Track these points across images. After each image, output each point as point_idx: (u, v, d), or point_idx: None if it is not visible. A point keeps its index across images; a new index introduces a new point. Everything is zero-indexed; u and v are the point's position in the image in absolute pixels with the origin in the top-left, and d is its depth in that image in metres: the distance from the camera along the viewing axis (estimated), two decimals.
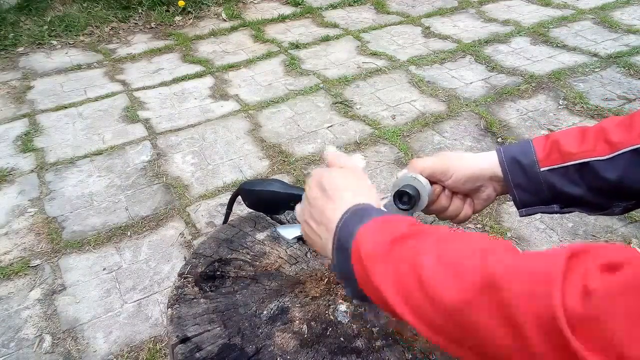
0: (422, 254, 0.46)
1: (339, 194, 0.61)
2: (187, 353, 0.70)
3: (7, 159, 2.54)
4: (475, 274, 0.41)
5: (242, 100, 2.98)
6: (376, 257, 0.49)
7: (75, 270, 1.93)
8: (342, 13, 4.17)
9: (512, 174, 0.73)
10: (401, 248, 0.49)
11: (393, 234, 0.50)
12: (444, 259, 0.45)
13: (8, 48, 3.64)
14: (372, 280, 0.49)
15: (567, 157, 0.70)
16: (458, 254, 0.45)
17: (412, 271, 0.46)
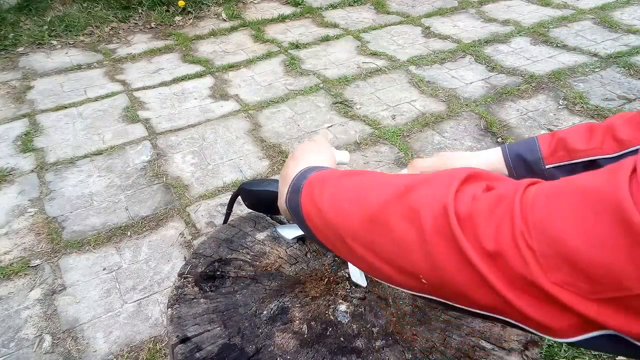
0: (353, 175, 0.53)
1: (302, 155, 0.67)
2: (187, 353, 0.70)
3: (7, 159, 2.54)
4: (393, 187, 0.47)
5: (242, 100, 2.98)
6: (315, 183, 0.57)
7: (75, 270, 1.93)
8: (342, 13, 4.17)
9: (516, 170, 0.73)
10: (342, 178, 0.54)
11: (334, 173, 0.57)
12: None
13: (8, 48, 3.64)
14: (313, 199, 0.55)
15: (574, 155, 0.69)
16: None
17: (345, 188, 0.52)
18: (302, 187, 0.58)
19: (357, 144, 2.56)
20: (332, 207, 0.52)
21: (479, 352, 0.69)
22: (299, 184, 0.59)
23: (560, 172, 0.71)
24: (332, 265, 0.85)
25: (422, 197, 0.44)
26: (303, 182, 0.59)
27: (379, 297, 0.79)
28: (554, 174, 0.71)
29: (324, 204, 0.53)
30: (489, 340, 0.71)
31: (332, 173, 0.58)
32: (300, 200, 0.57)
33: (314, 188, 0.56)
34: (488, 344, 0.70)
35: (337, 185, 0.54)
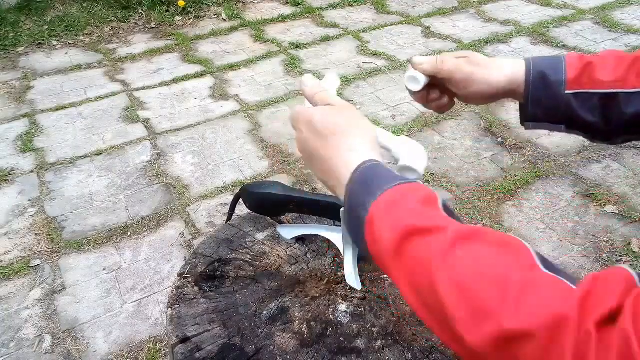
0: (434, 264, 0.43)
1: (337, 142, 0.57)
2: (187, 353, 0.70)
3: (7, 159, 2.54)
4: (493, 323, 0.39)
5: (242, 100, 2.98)
6: (390, 249, 0.47)
7: (75, 270, 1.93)
8: (342, 13, 4.17)
9: (534, 89, 0.69)
10: (413, 245, 0.46)
11: (403, 223, 0.47)
12: (459, 283, 0.42)
13: (8, 48, 3.64)
14: (388, 271, 0.49)
15: (597, 85, 0.66)
16: (474, 277, 0.41)
17: (427, 283, 0.44)
18: (364, 220, 0.50)
19: None
20: (409, 276, 0.46)
21: None
22: (359, 215, 0.51)
23: (577, 99, 0.67)
24: (332, 265, 0.86)
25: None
26: (364, 213, 0.50)
27: (379, 297, 0.79)
28: (569, 101, 0.67)
29: (402, 276, 0.47)
30: None
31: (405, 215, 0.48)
32: (364, 231, 0.51)
33: (384, 254, 0.48)
34: None
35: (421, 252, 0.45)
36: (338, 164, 0.56)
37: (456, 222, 0.46)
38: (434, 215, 0.48)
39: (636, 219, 2.04)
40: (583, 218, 2.07)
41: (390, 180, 0.51)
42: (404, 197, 0.49)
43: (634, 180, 2.25)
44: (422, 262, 0.45)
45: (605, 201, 2.14)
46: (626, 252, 1.91)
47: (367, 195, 0.51)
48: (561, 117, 0.70)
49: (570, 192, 2.21)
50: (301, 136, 0.61)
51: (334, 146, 0.56)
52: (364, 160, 0.54)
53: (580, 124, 0.69)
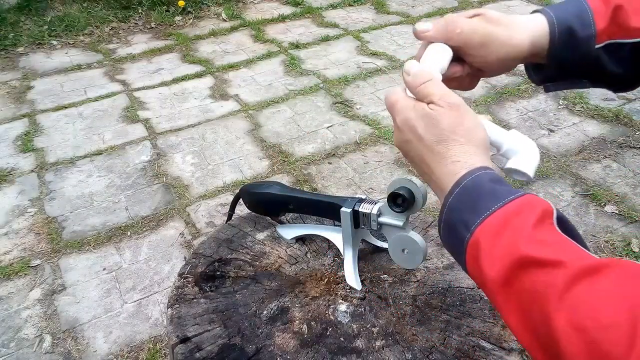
0: (551, 303, 0.39)
1: (441, 150, 0.52)
2: (187, 353, 0.70)
3: (7, 159, 2.54)
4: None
5: (242, 100, 2.98)
6: (498, 279, 0.43)
7: (75, 270, 1.93)
8: (342, 13, 4.17)
9: (561, 48, 0.59)
10: (525, 277, 0.42)
11: (515, 252, 0.43)
12: (578, 327, 0.37)
13: (8, 48, 3.64)
14: (492, 298, 0.46)
15: (628, 34, 0.57)
16: (596, 322, 0.37)
17: (542, 322, 0.40)
18: (466, 241, 0.47)
19: (357, 144, 2.56)
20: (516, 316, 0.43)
21: (479, 352, 0.69)
22: (460, 235, 0.48)
23: (606, 52, 0.58)
24: (332, 265, 0.86)
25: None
26: (466, 234, 0.47)
27: (379, 297, 0.79)
28: (599, 56, 0.58)
29: (509, 312, 0.43)
30: (489, 340, 0.71)
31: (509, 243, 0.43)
32: (465, 252, 0.48)
33: (490, 284, 0.44)
34: (488, 344, 0.70)
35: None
36: (441, 174, 0.52)
37: (577, 249, 0.42)
38: (551, 242, 0.43)
39: (636, 219, 2.04)
40: (583, 218, 2.07)
41: (498, 198, 0.46)
42: (517, 219, 0.44)
43: (634, 180, 2.25)
44: (536, 297, 0.40)
45: (605, 201, 2.14)
46: (626, 252, 1.91)
47: (471, 213, 0.47)
48: (586, 73, 0.61)
49: (570, 192, 2.21)
50: (402, 137, 0.56)
51: (438, 154, 0.52)
52: (468, 170, 0.50)
53: (606, 77, 0.61)
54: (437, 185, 0.53)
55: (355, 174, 2.36)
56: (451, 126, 0.53)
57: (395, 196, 0.70)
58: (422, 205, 0.70)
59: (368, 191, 2.25)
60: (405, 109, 0.55)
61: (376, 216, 0.74)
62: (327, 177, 2.35)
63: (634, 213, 2.06)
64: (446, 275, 0.82)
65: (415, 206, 0.70)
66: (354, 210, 0.76)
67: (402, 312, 0.76)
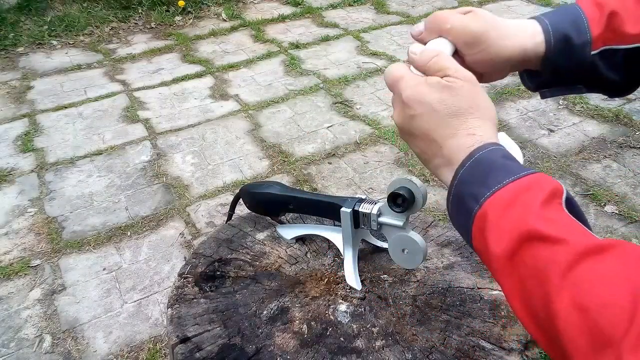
0: (553, 280, 0.39)
1: (457, 123, 0.51)
2: (187, 353, 0.70)
3: (7, 159, 2.54)
4: (613, 356, 0.35)
5: (242, 100, 2.98)
6: (502, 253, 0.44)
7: (75, 270, 1.93)
8: (342, 13, 4.17)
9: (555, 55, 0.58)
10: (529, 252, 0.42)
11: (522, 226, 0.43)
12: (579, 306, 0.37)
13: (8, 48, 3.64)
14: (495, 273, 0.46)
15: (622, 39, 0.57)
16: (598, 301, 0.37)
17: (541, 298, 0.40)
18: (474, 213, 0.47)
19: (357, 144, 2.56)
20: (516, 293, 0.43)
21: (479, 352, 0.69)
22: (469, 208, 0.47)
23: (601, 57, 0.58)
24: (332, 265, 0.86)
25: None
26: (475, 205, 0.47)
27: (379, 297, 0.79)
28: (594, 62, 0.58)
29: (509, 289, 0.44)
30: (489, 340, 0.71)
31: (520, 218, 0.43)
32: (471, 225, 0.47)
33: (496, 234, 0.44)
34: (488, 344, 0.70)
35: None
36: (452, 146, 0.51)
37: (583, 230, 0.42)
38: (557, 220, 0.43)
39: (636, 219, 2.04)
40: None
41: (510, 173, 0.46)
42: (527, 194, 0.44)
43: (634, 180, 2.25)
44: (538, 274, 0.41)
45: (605, 201, 2.14)
46: None
47: (481, 186, 0.47)
48: (581, 79, 0.61)
49: (570, 192, 2.21)
50: (408, 112, 0.54)
51: (452, 127, 0.51)
52: (481, 144, 0.49)
53: (601, 82, 0.61)
54: (446, 159, 0.52)
55: (355, 174, 2.36)
56: (469, 99, 0.52)
57: (395, 196, 0.70)
58: (422, 205, 0.70)
59: (368, 191, 2.25)
60: (414, 83, 0.55)
61: (376, 216, 0.74)
62: (327, 177, 2.35)
63: (634, 213, 2.06)
64: (446, 275, 0.82)
65: (415, 206, 0.70)
66: (354, 210, 0.76)
67: (402, 312, 0.76)
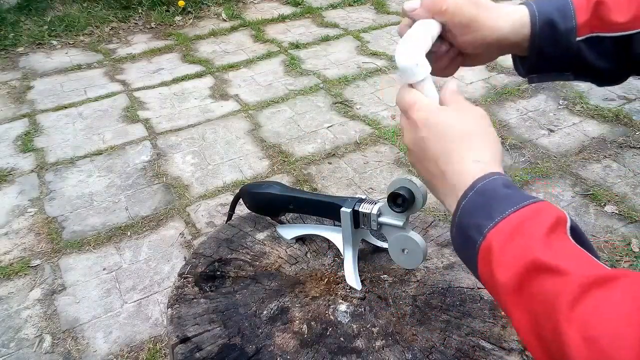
0: (562, 312, 0.39)
1: (463, 149, 0.52)
2: (187, 353, 0.70)
3: (7, 159, 2.54)
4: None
5: (242, 100, 2.98)
6: (509, 285, 0.44)
7: (75, 270, 1.93)
8: (342, 13, 4.17)
9: (541, 40, 0.60)
10: (537, 284, 0.42)
11: (527, 257, 0.43)
12: (590, 340, 0.37)
13: (8, 48, 3.64)
14: (503, 304, 0.45)
15: (609, 27, 0.57)
16: (608, 335, 0.36)
17: (552, 330, 0.40)
18: (478, 245, 0.47)
19: (357, 144, 2.56)
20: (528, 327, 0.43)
21: (479, 352, 0.69)
22: (473, 239, 0.47)
23: (587, 45, 0.59)
24: (332, 265, 0.86)
25: None
26: (478, 237, 0.46)
27: (379, 297, 0.79)
28: (579, 49, 0.59)
29: (516, 315, 0.43)
30: (489, 340, 0.71)
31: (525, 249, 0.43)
32: (476, 257, 0.47)
33: (502, 266, 0.44)
34: (488, 344, 0.70)
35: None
36: (455, 173, 0.52)
37: (589, 259, 0.42)
38: (564, 250, 0.43)
39: (636, 219, 2.04)
40: (583, 218, 2.07)
41: (512, 203, 0.46)
42: (530, 224, 0.45)
43: (634, 180, 2.25)
44: (547, 306, 0.40)
45: (605, 201, 2.14)
46: (626, 252, 1.91)
47: (484, 218, 0.47)
48: (569, 66, 0.62)
49: (570, 192, 2.21)
50: (419, 133, 0.55)
51: (459, 153, 0.52)
52: (484, 174, 0.50)
53: (589, 71, 0.62)
54: (450, 186, 0.53)
55: (355, 174, 2.36)
56: (477, 126, 0.55)
57: (395, 196, 0.70)
58: (422, 205, 0.70)
59: (368, 191, 2.25)
60: (428, 105, 0.56)
61: (376, 216, 0.74)
62: (327, 177, 2.35)
63: (634, 213, 2.06)
64: (446, 275, 0.82)
65: (415, 206, 0.70)
66: (354, 210, 0.76)
67: (402, 312, 0.76)
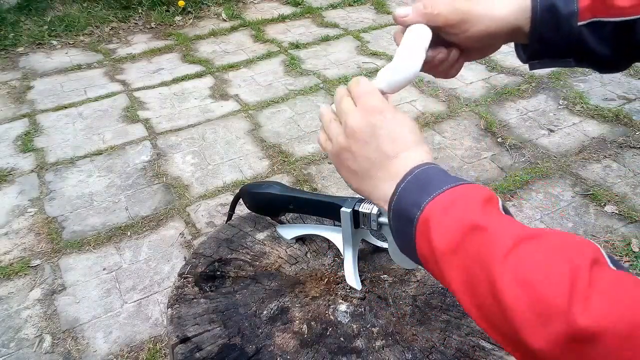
0: (496, 262, 0.41)
1: (395, 142, 0.55)
2: (187, 353, 0.70)
3: (7, 159, 2.54)
4: (561, 321, 0.36)
5: (242, 100, 2.98)
6: (446, 247, 0.46)
7: (75, 270, 1.93)
8: (342, 13, 4.17)
9: (542, 25, 0.59)
10: (473, 242, 0.44)
11: (464, 221, 0.45)
12: (523, 281, 0.39)
13: (8, 48, 3.64)
14: (440, 271, 0.47)
15: (612, 12, 0.57)
16: (539, 275, 0.39)
17: (486, 280, 0.42)
18: (416, 219, 0.48)
19: None
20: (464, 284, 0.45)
21: (479, 352, 0.69)
22: (411, 214, 0.49)
23: (589, 30, 0.58)
24: (332, 265, 0.86)
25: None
26: (417, 211, 0.48)
27: (379, 297, 0.79)
28: (581, 34, 0.59)
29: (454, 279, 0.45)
30: (488, 340, 0.71)
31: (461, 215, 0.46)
32: (415, 231, 0.49)
33: (440, 253, 0.46)
34: (488, 344, 0.70)
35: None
36: (401, 158, 0.54)
37: (520, 224, 0.44)
38: (495, 215, 0.46)
39: (636, 219, 2.04)
40: (583, 218, 2.07)
41: (448, 182, 0.49)
42: (465, 196, 0.47)
43: (634, 180, 2.25)
44: (481, 260, 0.42)
45: (605, 201, 2.14)
46: (626, 252, 1.91)
47: (423, 194, 0.49)
48: (570, 52, 0.62)
49: (570, 192, 2.21)
50: (369, 119, 0.56)
51: (408, 140, 0.55)
52: (420, 163, 0.53)
53: (590, 56, 0.61)
54: (393, 168, 0.54)
55: None
56: (409, 126, 0.57)
57: None
58: None
59: None
60: (383, 98, 0.58)
61: (376, 216, 0.74)
62: (327, 177, 2.35)
63: (634, 213, 2.06)
64: None
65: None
66: (354, 210, 0.76)
67: (402, 312, 0.76)
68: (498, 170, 2.36)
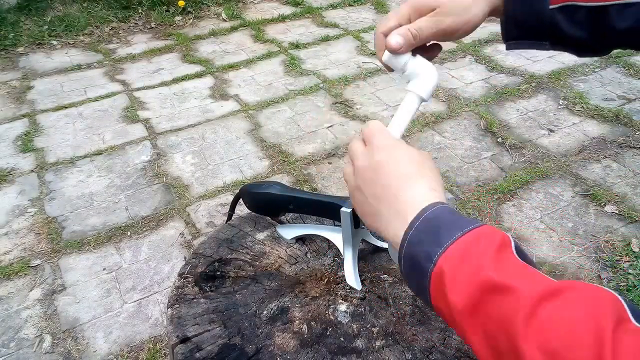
0: (519, 329, 0.40)
1: (400, 177, 0.55)
2: (187, 353, 0.70)
3: (7, 159, 2.54)
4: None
5: (242, 100, 2.98)
6: (464, 307, 0.44)
7: (75, 270, 1.93)
8: (342, 13, 4.17)
9: (514, 7, 0.62)
10: (492, 304, 0.43)
11: (480, 276, 0.44)
12: (547, 351, 0.38)
13: (8, 48, 3.64)
14: (460, 329, 0.46)
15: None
16: (565, 343, 0.38)
17: (510, 352, 0.41)
18: (429, 273, 0.47)
19: None
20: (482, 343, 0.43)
21: None
22: (424, 268, 0.48)
23: (562, 14, 0.60)
24: (332, 265, 0.86)
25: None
26: (429, 265, 0.47)
27: (379, 297, 0.79)
28: (554, 17, 0.60)
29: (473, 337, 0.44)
30: None
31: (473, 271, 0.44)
32: (429, 285, 0.48)
33: (454, 290, 0.45)
34: None
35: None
36: (409, 197, 0.54)
37: (538, 274, 0.43)
38: (512, 267, 0.44)
39: (636, 219, 2.04)
40: (583, 218, 2.07)
41: (459, 228, 0.48)
42: (478, 246, 0.46)
43: (634, 180, 2.25)
44: (503, 324, 0.41)
45: (605, 201, 2.14)
46: (626, 252, 1.91)
47: (433, 245, 0.48)
48: (545, 34, 0.64)
49: (570, 192, 2.22)
50: (375, 158, 0.58)
51: (413, 179, 0.55)
52: (429, 204, 0.52)
53: (565, 40, 0.63)
54: (401, 207, 0.54)
55: None
56: (428, 160, 0.58)
57: None
58: None
59: None
60: (390, 136, 0.61)
61: None
62: (327, 177, 2.35)
63: (634, 213, 2.06)
64: None
65: None
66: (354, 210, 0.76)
67: (402, 312, 0.76)
68: (498, 170, 2.36)
